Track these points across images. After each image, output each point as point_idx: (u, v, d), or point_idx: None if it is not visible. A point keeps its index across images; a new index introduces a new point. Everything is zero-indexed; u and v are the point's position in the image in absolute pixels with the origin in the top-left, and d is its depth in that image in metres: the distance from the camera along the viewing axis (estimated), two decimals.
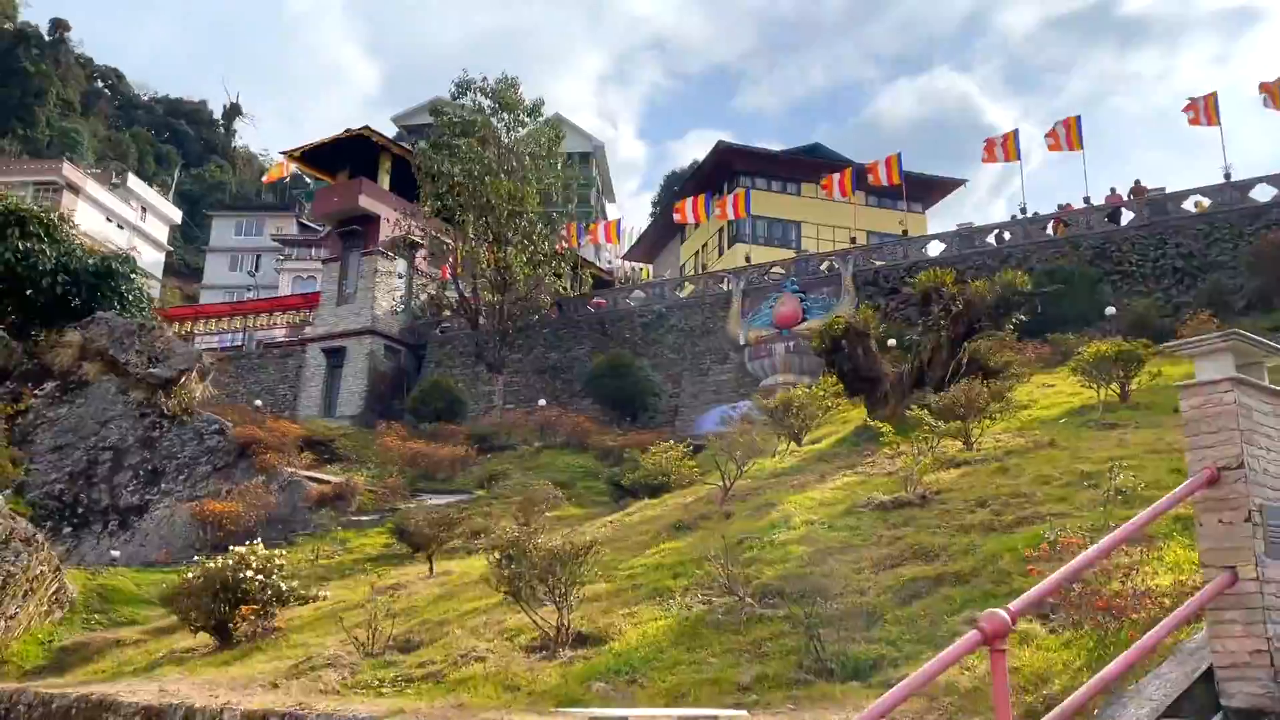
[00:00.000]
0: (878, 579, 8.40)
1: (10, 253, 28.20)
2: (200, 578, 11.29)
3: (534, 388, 39.15)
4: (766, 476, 14.74)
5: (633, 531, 12.97)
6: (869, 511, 10.35)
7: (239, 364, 45.84)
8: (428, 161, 36.95)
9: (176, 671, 10.15)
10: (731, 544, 10.41)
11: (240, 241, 76.45)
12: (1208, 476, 5.00)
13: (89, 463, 25.19)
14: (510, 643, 8.68)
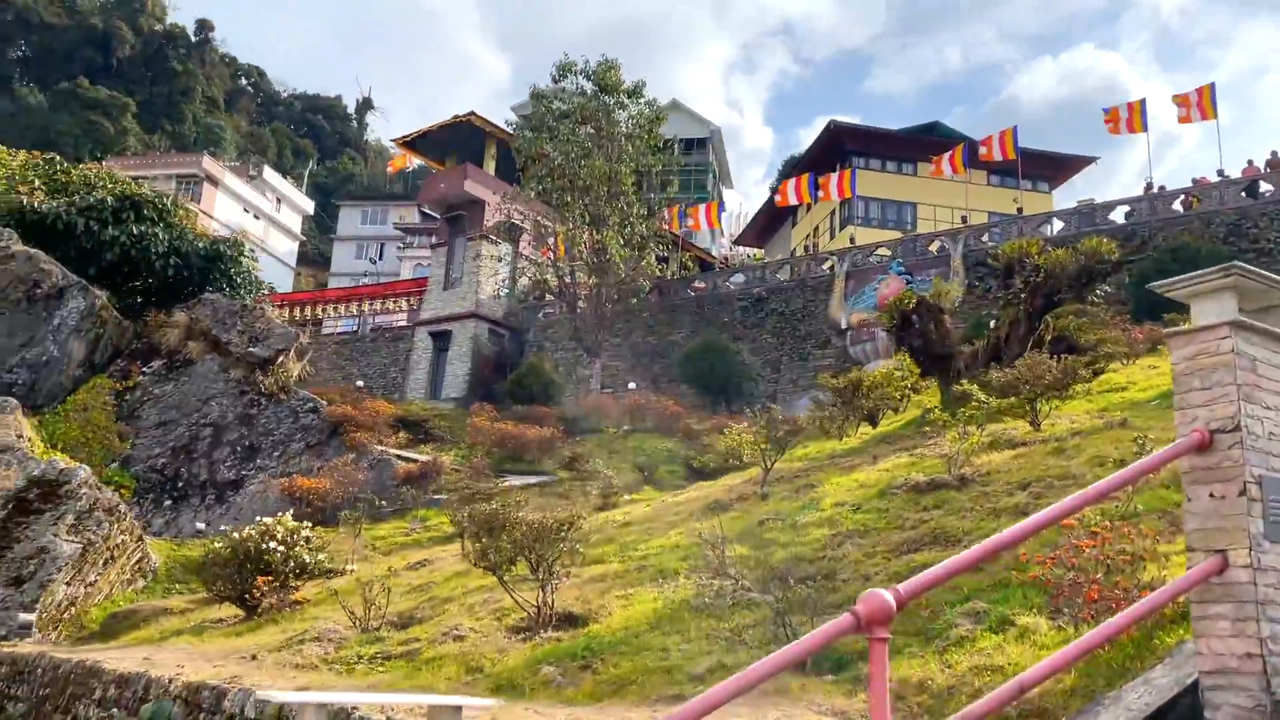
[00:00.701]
0: (889, 564, 7.61)
1: (126, 236, 29.40)
2: (227, 548, 11.27)
3: (632, 371, 38.80)
4: (824, 458, 13.92)
5: (669, 511, 12.40)
6: (903, 494, 9.50)
7: (354, 347, 47.12)
8: (527, 144, 36.96)
9: (188, 641, 10.14)
10: (753, 525, 9.74)
11: (366, 230, 78.74)
12: (1196, 440, 4.11)
13: (190, 438, 26.08)
14: (499, 622, 8.26)
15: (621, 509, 15.03)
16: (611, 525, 12.23)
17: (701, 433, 26.93)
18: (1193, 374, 4.22)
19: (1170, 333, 4.34)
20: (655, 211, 38.96)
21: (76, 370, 26.90)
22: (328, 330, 54.06)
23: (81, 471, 18.62)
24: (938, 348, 15.12)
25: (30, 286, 26.72)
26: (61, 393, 26.48)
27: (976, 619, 6.19)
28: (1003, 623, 5.98)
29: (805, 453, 15.27)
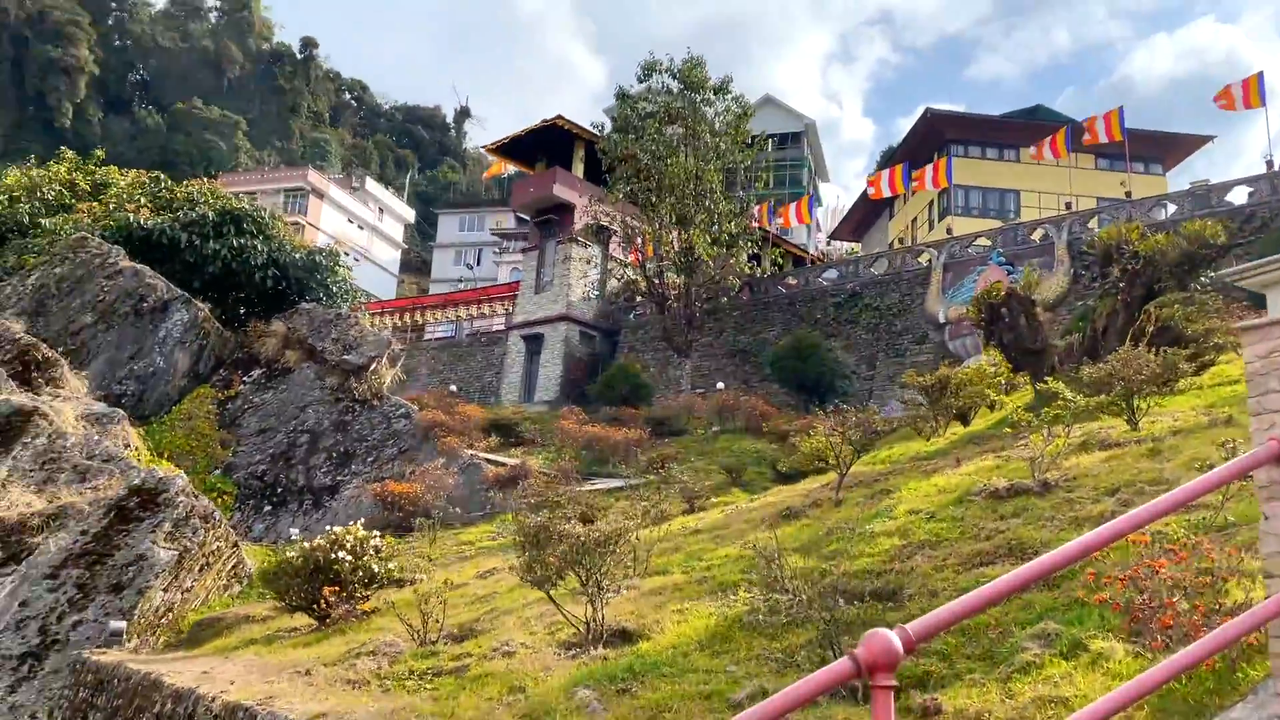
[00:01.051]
0: (957, 579, 7.09)
1: (227, 250, 30.34)
2: (299, 558, 11.34)
3: (723, 371, 38.37)
4: (906, 461, 13.32)
5: (741, 518, 11.98)
6: (981, 500, 8.91)
7: (451, 352, 47.85)
8: (613, 146, 36.84)
9: (256, 651, 10.19)
10: (821, 535, 9.28)
11: (463, 237, 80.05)
12: (1274, 450, 3.58)
13: (289, 444, 26.70)
14: (551, 637, 8.01)
15: (695, 515, 14.68)
16: (682, 532, 11.90)
17: (790, 433, 26.31)
18: (1269, 374, 3.69)
19: (1243, 327, 3.82)
20: (745, 209, 38.38)
21: (181, 380, 27.83)
22: (428, 336, 55.13)
23: (179, 480, 19.10)
24: (1029, 342, 14.30)
25: (137, 301, 27.76)
26: (168, 402, 27.42)
27: (1047, 642, 5.67)
28: (1075, 647, 5.46)
29: (889, 454, 14.67)
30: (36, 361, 25.04)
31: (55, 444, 19.95)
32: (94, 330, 27.32)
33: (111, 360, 27.17)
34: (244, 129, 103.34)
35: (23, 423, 19.98)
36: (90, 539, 17.78)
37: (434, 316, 58.38)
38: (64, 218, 31.56)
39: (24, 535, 17.84)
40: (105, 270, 28.02)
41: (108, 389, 26.75)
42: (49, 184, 35.88)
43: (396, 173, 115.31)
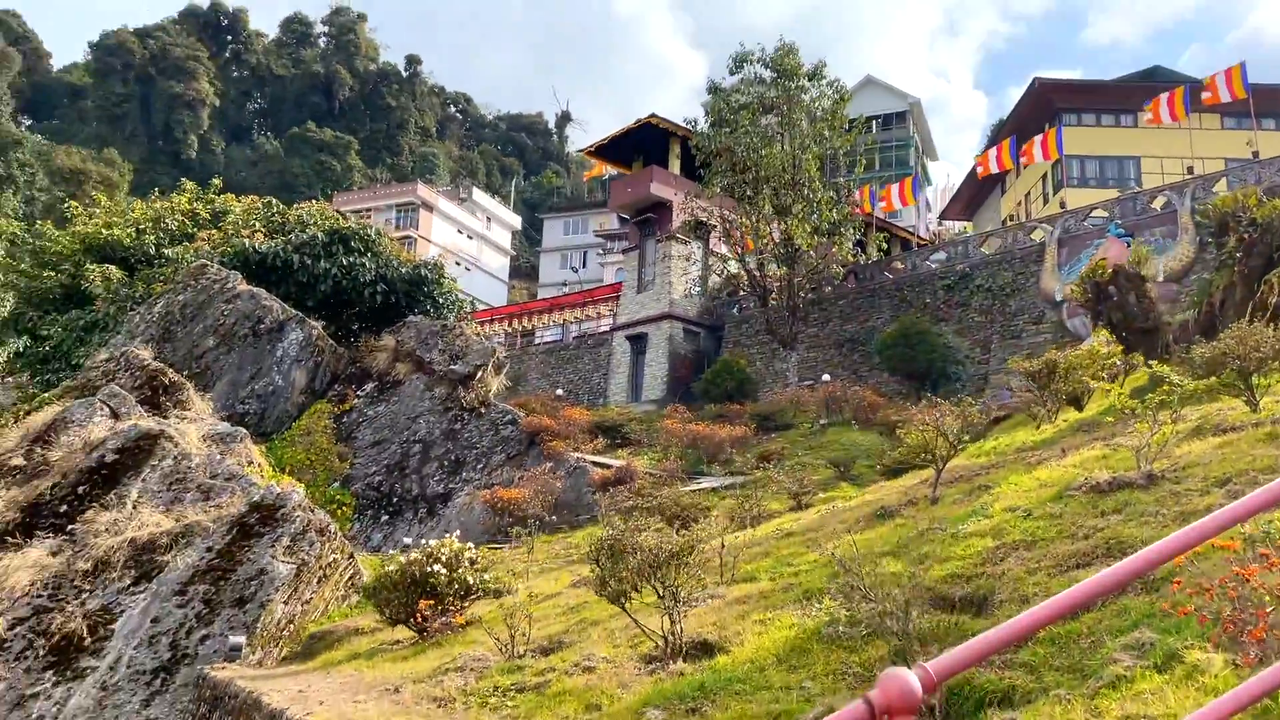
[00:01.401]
0: (1050, 583, 6.69)
1: (336, 268, 31.33)
2: (397, 571, 11.56)
3: (831, 362, 37.70)
4: (1011, 452, 12.75)
5: (835, 520, 11.66)
6: (1081, 495, 8.41)
7: (558, 355, 48.38)
8: (705, 141, 36.59)
9: (356, 667, 10.41)
10: (914, 536, 8.95)
11: (568, 240, 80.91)
12: None
13: (402, 455, 27.40)
14: (633, 650, 7.92)
15: (793, 516, 14.39)
16: (775, 535, 11.67)
17: (900, 423, 25.68)
18: None
19: None
20: (845, 195, 37.61)
21: (299, 397, 28.85)
22: (538, 340, 55.94)
23: (295, 495, 19.75)
24: (1140, 321, 13.48)
25: (255, 323, 28.89)
26: (288, 419, 28.47)
27: (1140, 652, 5.28)
28: (1169, 658, 5.07)
29: (995, 445, 14.09)
30: (164, 386, 26.32)
31: (181, 465, 20.90)
32: (216, 353, 28.55)
33: (234, 381, 28.35)
34: (356, 148, 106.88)
35: (150, 446, 20.98)
36: (215, 555, 18.54)
37: (542, 321, 59.24)
38: (185, 247, 33.11)
39: (154, 554, 18.74)
40: (224, 295, 29.26)
41: (231, 408, 27.94)
42: (172, 215, 37.68)
43: (502, 181, 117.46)
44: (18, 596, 17.89)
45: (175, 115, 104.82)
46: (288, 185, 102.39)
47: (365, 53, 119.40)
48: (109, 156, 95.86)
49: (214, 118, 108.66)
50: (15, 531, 19.08)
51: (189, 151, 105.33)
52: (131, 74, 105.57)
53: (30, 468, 20.67)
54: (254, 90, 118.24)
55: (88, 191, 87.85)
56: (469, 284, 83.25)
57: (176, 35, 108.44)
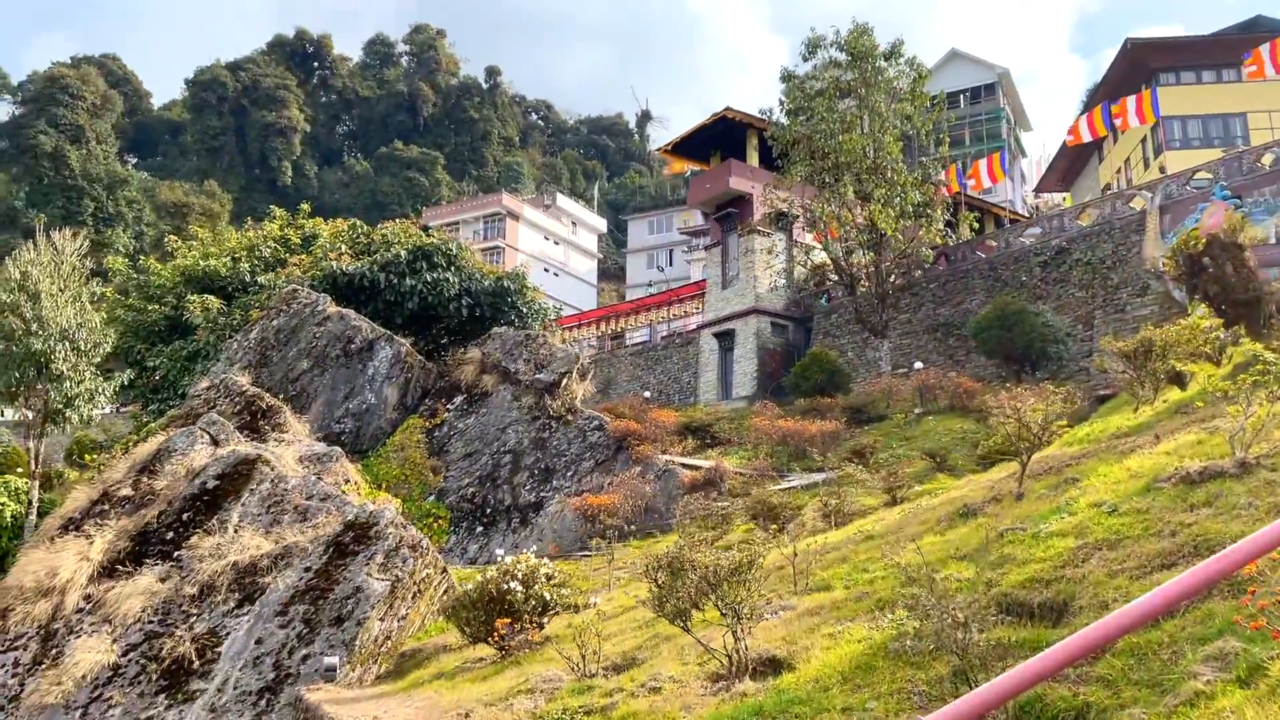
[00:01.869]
0: (1132, 587, 6.25)
1: (421, 285, 31.87)
2: (475, 589, 11.58)
3: (925, 348, 36.76)
4: (1106, 438, 12.10)
5: (916, 519, 11.22)
6: (1170, 487, 7.85)
7: (647, 356, 48.32)
8: (780, 131, 36.03)
9: (436, 688, 10.45)
10: (993, 537, 8.52)
11: (654, 239, 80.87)
12: None
13: (493, 466, 27.67)
14: (701, 668, 7.71)
15: (873, 517, 13.94)
16: (856, 538, 11.29)
17: (997, 410, 24.84)
18: None
19: None
20: (929, 175, 36.58)
21: (392, 414, 29.40)
22: (630, 342, 56.05)
23: (387, 512, 20.06)
24: (1238, 292, 12.62)
25: (345, 343, 29.55)
26: (382, 436, 29.03)
27: (1223, 664, 4.86)
28: (1254, 671, 4.65)
29: (1090, 431, 13.41)
30: (261, 410, 27.11)
31: (278, 488, 21.46)
32: (310, 375, 29.29)
33: (329, 401, 29.04)
34: (442, 163, 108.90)
35: (248, 471, 21.60)
36: (313, 575, 18.94)
37: (630, 323, 59.31)
38: (277, 273, 34.07)
39: (256, 576, 19.27)
40: (315, 318, 29.99)
41: (328, 428, 28.63)
42: (264, 242, 38.83)
43: (586, 185, 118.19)
44: (130, 623, 18.61)
45: (269, 144, 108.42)
46: (379, 204, 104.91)
47: (446, 68, 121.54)
48: (209, 188, 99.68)
49: (306, 143, 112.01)
50: (126, 560, 19.84)
51: (284, 178, 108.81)
52: (226, 107, 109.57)
53: (138, 497, 21.50)
54: (342, 113, 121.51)
55: (191, 224, 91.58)
56: (558, 289, 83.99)
57: (266, 66, 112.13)
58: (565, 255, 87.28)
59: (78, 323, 23.47)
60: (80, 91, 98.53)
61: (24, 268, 23.17)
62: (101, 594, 19.19)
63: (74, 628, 18.65)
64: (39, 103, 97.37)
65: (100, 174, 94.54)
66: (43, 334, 22.73)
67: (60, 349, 22.88)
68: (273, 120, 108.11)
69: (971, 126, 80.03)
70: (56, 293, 23.34)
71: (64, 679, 17.35)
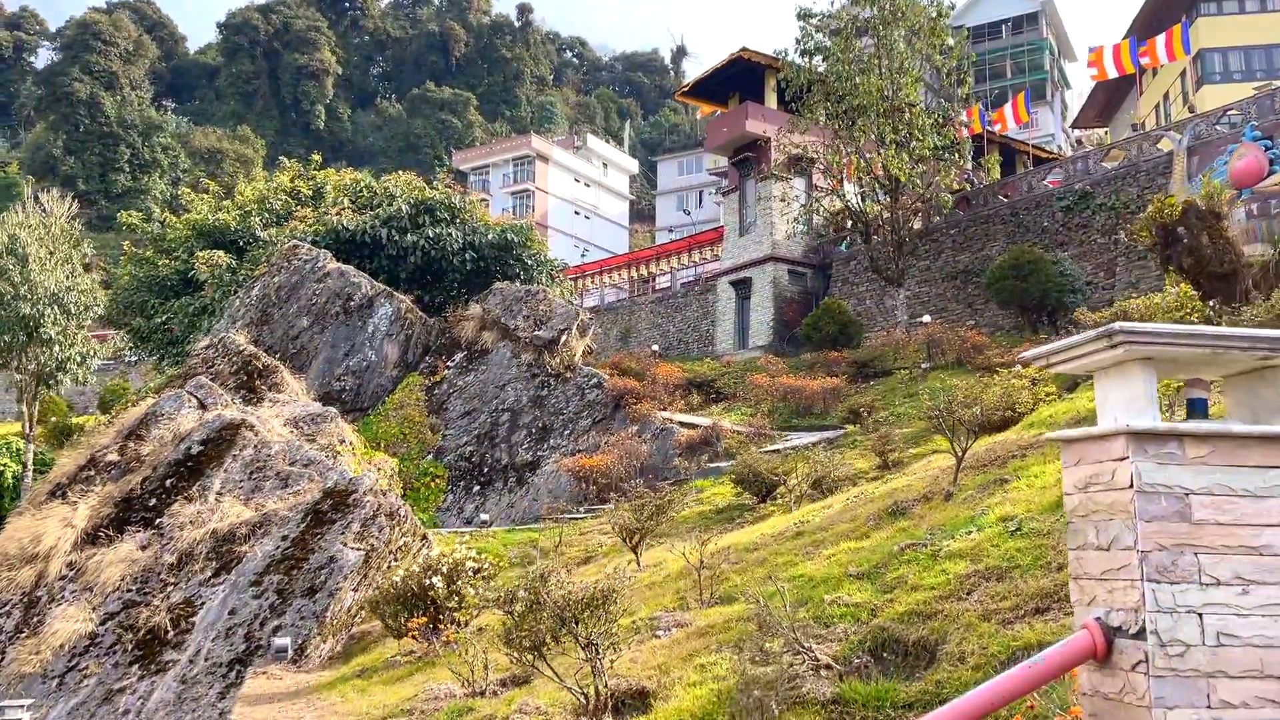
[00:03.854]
0: (998, 635, 5.70)
1: (424, 240, 31.47)
2: (399, 583, 11.31)
3: (944, 296, 35.75)
4: (1069, 420, 11.40)
5: (848, 514, 10.65)
6: None
7: (667, 304, 47.68)
8: (794, 72, 34.76)
9: (354, 686, 10.23)
10: (892, 554, 7.98)
11: (683, 180, 79.55)
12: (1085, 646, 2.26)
13: (491, 424, 27.46)
14: (579, 700, 7.31)
15: (849, 491, 13.37)
16: (783, 536, 10.75)
17: (1002, 366, 23.99)
18: (1087, 518, 2.34)
19: (1056, 438, 2.46)
20: (948, 118, 35.18)
21: (393, 371, 29.24)
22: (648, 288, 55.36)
23: (366, 478, 19.90)
24: (1214, 265, 11.69)
25: (345, 300, 29.33)
26: (383, 393, 28.92)
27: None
28: None
29: (1064, 408, 12.67)
30: (258, 370, 27.05)
31: (261, 454, 21.39)
32: (310, 333, 29.15)
33: (329, 359, 28.92)
34: (474, 104, 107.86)
35: (232, 436, 21.54)
36: (290, 544, 18.88)
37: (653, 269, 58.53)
38: (279, 228, 33.83)
39: (234, 545, 19.25)
40: (315, 275, 29.77)
41: (328, 386, 28.55)
42: (275, 195, 38.56)
43: (620, 124, 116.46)
44: (109, 591, 18.73)
45: (302, 87, 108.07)
46: (412, 147, 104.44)
47: (478, 6, 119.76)
48: (243, 134, 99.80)
49: (339, 86, 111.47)
50: (110, 526, 19.95)
51: (317, 121, 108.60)
52: (258, 50, 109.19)
53: (124, 463, 21.57)
54: (375, 55, 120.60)
55: (226, 169, 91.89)
56: (589, 232, 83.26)
57: (297, 7, 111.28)
58: (596, 197, 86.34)
59: (67, 286, 23.38)
60: (113, 37, 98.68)
61: (12, 231, 23.11)
62: (84, 561, 19.34)
63: (56, 595, 18.84)
64: (73, 50, 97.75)
65: (135, 120, 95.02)
66: (31, 298, 22.71)
67: (50, 313, 22.87)
68: (305, 63, 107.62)
69: (1013, 58, 77.13)
70: (45, 256, 23.28)
71: (43, 648, 17.55)
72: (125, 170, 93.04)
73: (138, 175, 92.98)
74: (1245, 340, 2.40)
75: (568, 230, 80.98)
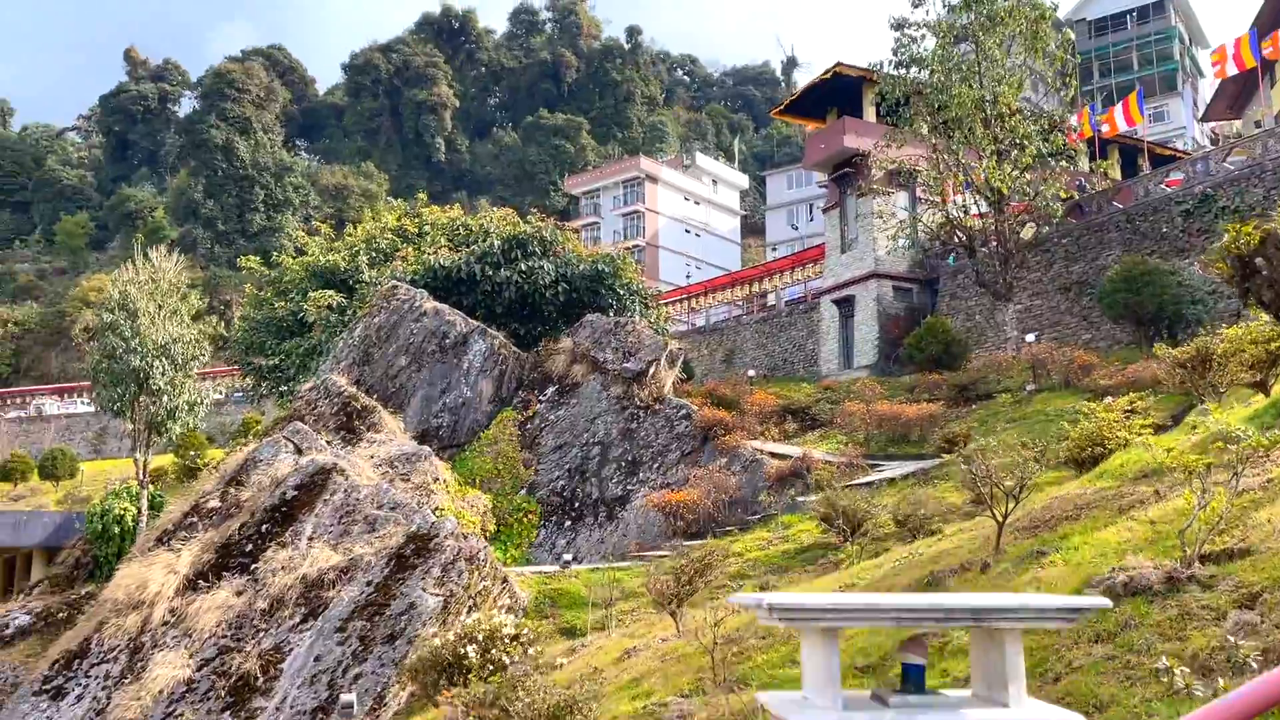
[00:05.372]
0: None
1: (516, 275, 31.86)
2: (432, 652, 11.29)
3: (1057, 309, 34.10)
4: (1134, 474, 10.50)
5: (881, 586, 10.02)
6: (1095, 596, 6.50)
7: (772, 324, 47.03)
8: (889, 85, 33.81)
9: None
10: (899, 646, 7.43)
11: (793, 195, 78.54)
12: None
13: (582, 458, 27.47)
14: None
15: (931, 539, 12.66)
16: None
17: (1110, 389, 22.65)
18: None
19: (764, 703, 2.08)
20: (1054, 123, 33.56)
21: (488, 407, 29.63)
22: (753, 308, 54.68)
23: (449, 523, 20.14)
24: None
25: (440, 338, 29.91)
26: (478, 429, 29.32)
27: None
28: None
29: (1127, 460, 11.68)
30: (356, 410, 27.81)
31: (350, 498, 21.89)
32: (408, 371, 29.82)
33: (426, 397, 29.51)
34: (586, 128, 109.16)
35: (324, 481, 22.13)
36: (373, 590, 19.25)
37: (759, 288, 57.82)
38: (381, 268, 34.82)
39: (321, 590, 19.73)
40: (413, 314, 30.46)
41: (426, 424, 29.13)
42: (383, 234, 39.76)
43: (732, 138, 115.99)
44: (206, 638, 19.42)
45: (422, 121, 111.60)
46: (527, 174, 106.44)
47: (588, 32, 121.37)
48: (366, 170, 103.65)
49: (456, 118, 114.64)
50: (209, 573, 20.73)
51: (437, 154, 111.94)
52: (380, 88, 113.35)
53: (225, 509, 22.43)
54: (490, 85, 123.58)
55: (351, 204, 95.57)
56: (700, 249, 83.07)
57: (415, 45, 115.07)
58: (707, 215, 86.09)
59: (174, 337, 24.46)
60: (245, 85, 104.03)
61: (123, 287, 24.32)
62: (184, 607, 20.13)
63: (158, 641, 19.65)
64: (210, 99, 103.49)
65: (268, 162, 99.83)
66: (141, 350, 23.82)
67: (159, 364, 23.93)
68: (424, 98, 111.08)
69: (1139, 49, 73.44)
70: (154, 310, 24.38)
71: (143, 694, 18.32)
72: (260, 210, 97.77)
73: (271, 214, 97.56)
74: (938, 612, 2.00)
75: (678, 249, 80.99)
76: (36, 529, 28.01)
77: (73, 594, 24.94)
